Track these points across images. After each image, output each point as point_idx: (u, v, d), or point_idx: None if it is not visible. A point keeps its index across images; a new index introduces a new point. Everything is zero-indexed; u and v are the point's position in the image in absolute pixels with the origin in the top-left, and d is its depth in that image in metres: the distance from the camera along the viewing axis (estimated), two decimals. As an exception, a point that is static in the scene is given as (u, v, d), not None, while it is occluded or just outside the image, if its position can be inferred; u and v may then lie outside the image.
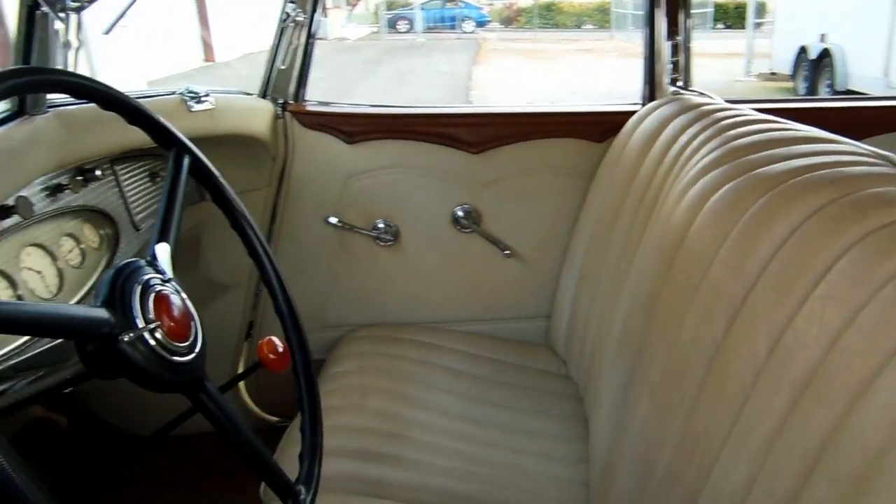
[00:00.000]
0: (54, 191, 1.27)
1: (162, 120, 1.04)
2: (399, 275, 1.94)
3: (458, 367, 1.74)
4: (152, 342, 0.83)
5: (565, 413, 1.64)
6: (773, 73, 10.99)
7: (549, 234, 1.92)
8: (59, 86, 0.93)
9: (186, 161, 1.06)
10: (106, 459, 1.44)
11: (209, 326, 1.95)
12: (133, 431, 1.82)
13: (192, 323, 0.91)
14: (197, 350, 0.90)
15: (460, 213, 1.91)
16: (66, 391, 1.42)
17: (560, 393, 1.71)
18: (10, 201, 1.15)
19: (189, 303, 0.93)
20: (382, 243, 1.92)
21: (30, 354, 1.09)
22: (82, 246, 1.36)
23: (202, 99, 1.57)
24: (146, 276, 0.88)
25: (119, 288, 0.84)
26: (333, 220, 1.88)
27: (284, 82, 1.87)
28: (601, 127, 1.88)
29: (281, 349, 1.18)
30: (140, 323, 0.82)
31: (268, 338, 1.22)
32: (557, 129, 1.89)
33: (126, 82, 1.60)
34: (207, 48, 11.81)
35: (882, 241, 0.81)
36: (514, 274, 1.94)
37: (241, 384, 1.97)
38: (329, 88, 2.03)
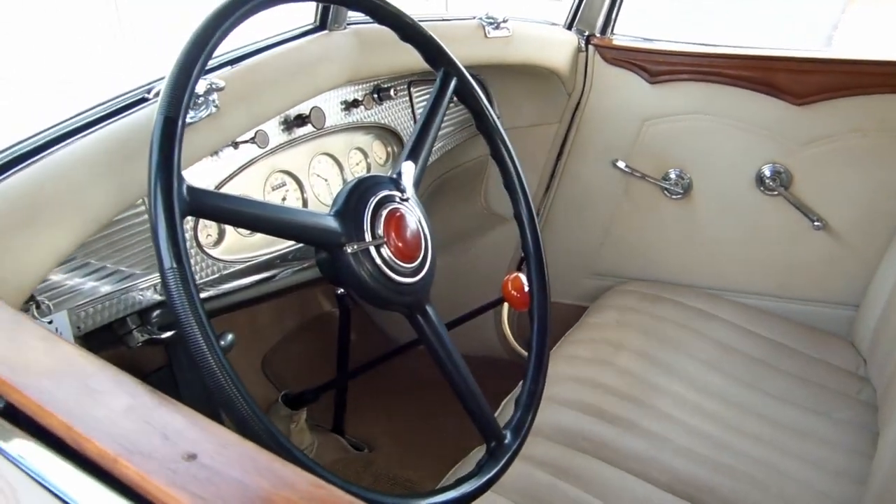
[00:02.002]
0: (350, 105, 1.35)
1: (433, 38, 1.03)
2: (683, 232, 1.78)
3: (731, 343, 1.56)
4: (377, 258, 0.84)
5: (852, 420, 1.39)
6: None
7: (875, 210, 1.60)
8: None
9: (453, 83, 1.04)
10: (367, 359, 1.55)
11: (482, 255, 2.02)
12: (398, 338, 1.96)
13: (423, 245, 0.91)
14: (423, 273, 0.90)
15: (767, 173, 1.67)
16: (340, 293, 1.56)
17: (851, 395, 1.45)
18: (306, 111, 1.24)
19: (425, 225, 0.93)
20: (671, 195, 1.76)
21: (291, 249, 1.19)
22: (369, 160, 1.44)
23: (500, 25, 1.55)
24: (384, 192, 0.89)
25: (355, 199, 0.86)
26: (621, 164, 1.77)
27: (593, 14, 1.77)
28: None
29: (526, 288, 1.14)
30: (367, 237, 0.84)
31: (515, 274, 1.20)
32: None
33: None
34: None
35: None
36: (823, 250, 1.66)
37: (505, 309, 1.99)
38: (674, 30, 1.88)
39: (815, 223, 1.64)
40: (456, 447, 1.25)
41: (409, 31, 1.00)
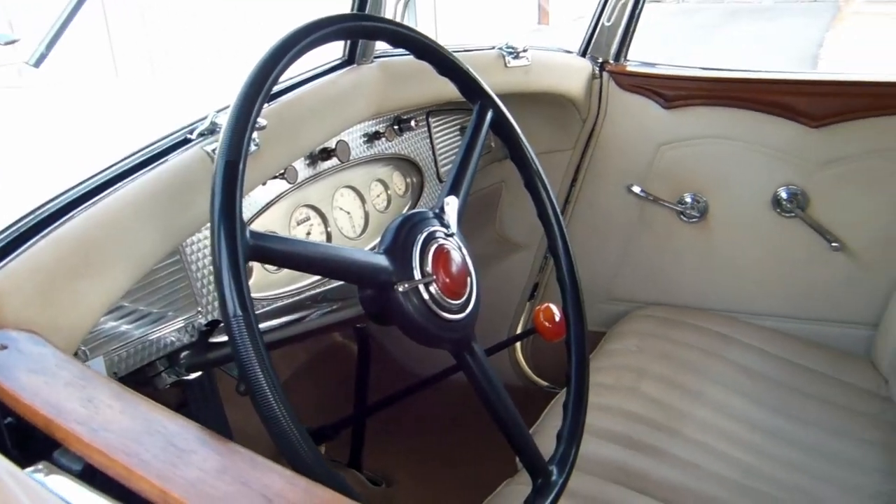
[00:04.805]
0: (371, 138, 1.35)
1: (471, 71, 1.03)
2: (700, 255, 1.78)
3: (752, 366, 1.56)
4: (425, 296, 0.84)
5: (879, 441, 1.39)
6: None
7: (892, 229, 1.60)
8: (378, 33, 0.96)
9: (490, 115, 1.05)
10: (383, 393, 1.54)
11: (495, 282, 2.01)
12: (416, 372, 1.95)
13: (469, 281, 0.90)
14: (469, 310, 0.89)
15: (784, 195, 1.68)
16: (359, 325, 1.54)
17: (876, 416, 1.45)
18: (332, 144, 1.25)
19: (469, 260, 0.92)
20: (687, 219, 1.77)
21: (327, 288, 1.18)
22: (389, 192, 1.44)
23: (520, 55, 1.56)
24: (430, 229, 0.88)
25: (403, 237, 0.86)
26: (637, 189, 1.78)
27: (607, 41, 1.79)
28: None
29: (558, 318, 1.14)
30: (417, 275, 0.83)
31: (546, 305, 1.19)
32: None
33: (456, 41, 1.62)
34: (542, 12, 11.78)
35: None
36: (840, 271, 1.67)
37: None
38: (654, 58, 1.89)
39: (833, 244, 1.65)
40: (476, 482, 1.24)
41: (446, 65, 1.00)
